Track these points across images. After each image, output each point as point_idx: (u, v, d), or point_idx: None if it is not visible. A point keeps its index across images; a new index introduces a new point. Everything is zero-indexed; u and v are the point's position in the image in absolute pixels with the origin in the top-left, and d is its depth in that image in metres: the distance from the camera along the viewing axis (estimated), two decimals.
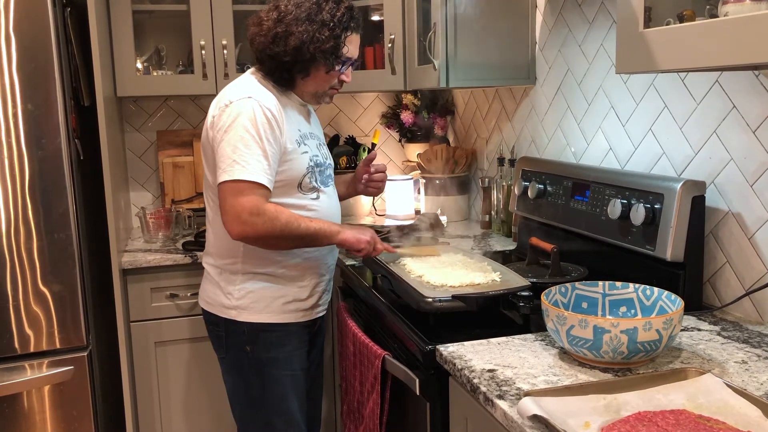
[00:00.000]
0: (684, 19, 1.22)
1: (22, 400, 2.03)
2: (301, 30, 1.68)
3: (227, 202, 1.63)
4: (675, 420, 1.01)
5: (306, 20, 1.69)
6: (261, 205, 1.63)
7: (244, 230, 1.63)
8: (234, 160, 1.62)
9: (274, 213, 1.64)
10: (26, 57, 1.91)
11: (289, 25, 1.69)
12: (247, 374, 1.80)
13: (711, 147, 1.60)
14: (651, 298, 1.38)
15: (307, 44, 1.68)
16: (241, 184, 1.62)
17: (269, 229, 1.63)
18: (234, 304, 1.78)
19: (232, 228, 1.64)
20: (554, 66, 2.21)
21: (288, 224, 1.65)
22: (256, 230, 1.63)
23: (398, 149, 3.21)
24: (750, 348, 1.35)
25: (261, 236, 1.65)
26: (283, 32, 1.69)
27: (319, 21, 1.70)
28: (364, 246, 1.76)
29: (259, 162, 1.63)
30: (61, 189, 1.99)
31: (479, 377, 1.23)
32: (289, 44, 1.69)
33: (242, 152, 1.62)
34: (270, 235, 1.64)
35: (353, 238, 1.75)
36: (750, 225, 1.51)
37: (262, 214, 1.62)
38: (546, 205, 2.03)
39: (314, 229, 1.70)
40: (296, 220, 1.67)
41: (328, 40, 1.70)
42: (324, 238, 1.73)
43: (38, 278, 1.99)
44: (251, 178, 1.62)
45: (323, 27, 1.70)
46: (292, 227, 1.66)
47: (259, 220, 1.62)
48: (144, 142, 2.88)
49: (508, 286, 1.59)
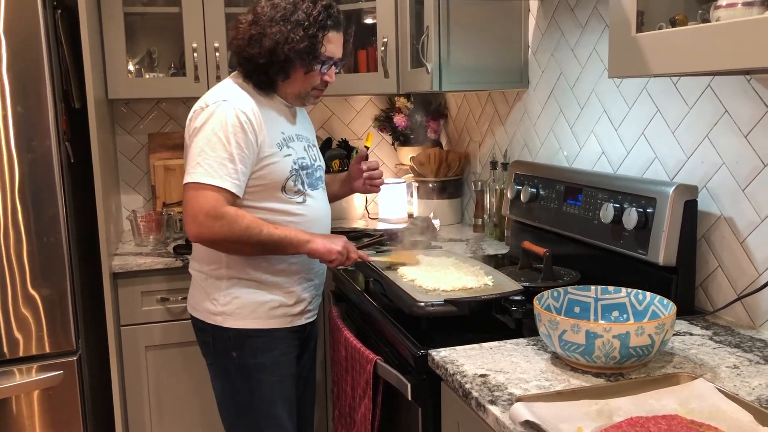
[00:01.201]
0: (676, 23, 1.22)
1: (11, 404, 2.01)
2: (274, 31, 1.66)
3: (187, 203, 1.63)
4: (667, 425, 1.01)
5: (281, 21, 1.67)
6: (220, 207, 1.61)
7: (200, 232, 1.62)
8: (198, 163, 1.62)
9: (233, 217, 1.62)
10: (16, 59, 1.89)
11: (264, 26, 1.68)
12: (234, 380, 1.79)
13: (703, 151, 1.60)
14: (643, 303, 1.38)
15: (282, 45, 1.66)
16: (201, 186, 1.61)
17: (227, 233, 1.62)
18: (220, 310, 1.76)
19: (188, 229, 1.64)
20: (547, 70, 2.22)
21: (248, 229, 1.63)
22: (213, 233, 1.61)
23: (391, 152, 3.21)
24: (742, 352, 1.35)
25: (218, 239, 1.63)
26: (258, 34, 1.68)
27: (293, 21, 1.67)
28: (336, 257, 1.71)
29: (223, 166, 1.62)
30: (52, 192, 1.97)
31: (471, 382, 1.23)
32: (263, 46, 1.67)
33: (207, 155, 1.62)
34: (227, 239, 1.63)
35: (323, 248, 1.70)
36: (742, 229, 1.51)
37: (220, 218, 1.61)
38: (538, 208, 2.03)
39: (278, 237, 1.67)
40: (258, 226, 1.65)
41: (302, 40, 1.67)
42: (290, 247, 1.70)
43: (28, 282, 1.98)
44: (211, 181, 1.61)
45: (297, 27, 1.67)
46: (252, 233, 1.64)
47: (216, 223, 1.61)
48: (135, 144, 2.86)
49: (500, 290, 1.58)
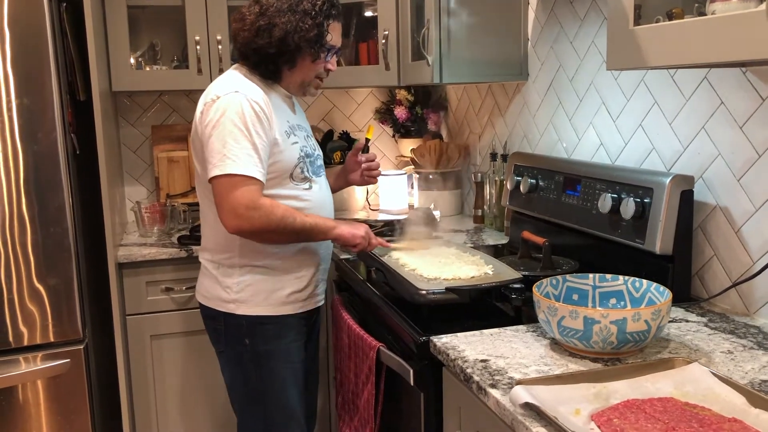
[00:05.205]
0: (673, 16, 1.24)
1: (20, 392, 2.04)
2: (284, 21, 1.70)
3: (222, 197, 1.64)
4: (663, 407, 1.04)
5: (288, 11, 1.71)
6: (257, 199, 1.64)
7: (240, 224, 1.64)
8: (224, 155, 1.63)
9: (270, 207, 1.65)
10: (22, 51, 1.91)
11: (272, 17, 1.71)
12: (245, 367, 1.82)
13: (699, 142, 1.63)
14: (640, 290, 1.40)
15: (292, 34, 1.71)
16: (234, 178, 1.63)
17: (265, 224, 1.65)
18: (233, 297, 1.79)
19: (228, 222, 1.65)
20: (546, 62, 2.24)
21: (284, 219, 1.67)
22: (252, 224, 1.64)
23: (392, 145, 3.23)
24: (736, 338, 1.38)
25: (257, 230, 1.66)
26: (267, 24, 1.71)
27: (300, 11, 1.72)
28: (360, 241, 1.78)
29: (250, 156, 1.64)
30: (57, 183, 1.99)
31: (472, 367, 1.26)
32: (273, 36, 1.70)
33: (232, 146, 1.63)
34: (266, 229, 1.66)
35: (349, 234, 1.77)
36: (737, 218, 1.54)
37: (258, 209, 1.64)
38: (538, 199, 2.06)
39: (310, 225, 1.72)
40: (292, 215, 1.69)
41: (311, 29, 1.72)
42: (320, 234, 1.75)
43: (33, 272, 2.00)
44: (243, 171, 1.63)
45: (306, 16, 1.72)
46: (287, 222, 1.68)
47: (255, 214, 1.63)
48: (138, 136, 2.89)
49: (500, 278, 1.61)
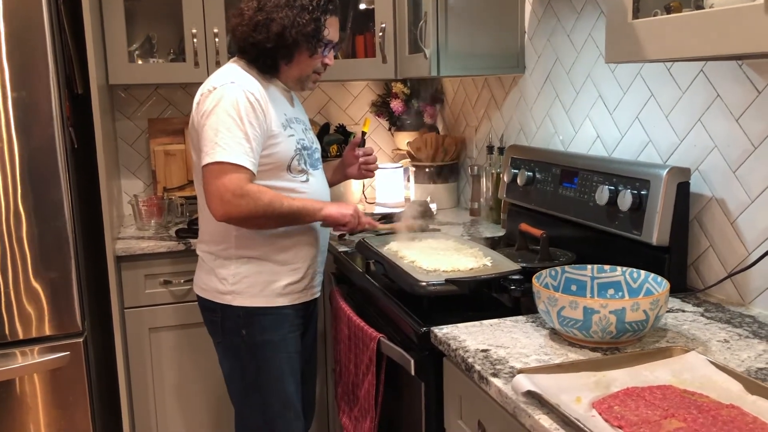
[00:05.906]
0: (671, 10, 1.26)
1: (19, 385, 2.04)
2: (282, 16, 1.73)
3: (210, 183, 1.67)
4: (662, 394, 1.06)
5: (285, 6, 1.74)
6: (244, 185, 1.66)
7: (227, 211, 1.66)
8: (216, 143, 1.66)
9: (256, 193, 1.67)
10: (19, 44, 1.91)
11: (270, 12, 1.73)
12: (243, 358, 1.83)
13: (696, 135, 1.64)
14: (638, 281, 1.42)
15: (289, 29, 1.73)
16: (224, 166, 1.65)
17: (252, 210, 1.67)
18: (229, 289, 1.81)
19: (215, 209, 1.67)
20: (543, 55, 2.25)
21: (271, 203, 1.69)
22: (240, 210, 1.66)
23: (388, 138, 3.24)
24: (732, 328, 1.40)
25: (244, 216, 1.68)
26: (264, 19, 1.73)
27: (298, 6, 1.74)
28: (349, 219, 1.82)
29: (241, 145, 1.66)
30: (55, 177, 1.99)
31: (473, 357, 1.27)
32: (271, 30, 1.73)
33: (224, 135, 1.66)
34: (253, 215, 1.68)
35: (337, 213, 1.80)
36: (732, 210, 1.56)
37: (246, 195, 1.65)
38: (535, 192, 2.07)
39: (297, 207, 1.74)
40: (279, 199, 1.71)
41: (308, 24, 1.74)
42: (307, 216, 1.78)
43: (32, 267, 2.00)
44: (233, 160, 1.65)
45: (303, 11, 1.74)
46: (275, 206, 1.70)
47: (242, 201, 1.65)
48: (135, 130, 2.88)
49: (499, 270, 1.63)
